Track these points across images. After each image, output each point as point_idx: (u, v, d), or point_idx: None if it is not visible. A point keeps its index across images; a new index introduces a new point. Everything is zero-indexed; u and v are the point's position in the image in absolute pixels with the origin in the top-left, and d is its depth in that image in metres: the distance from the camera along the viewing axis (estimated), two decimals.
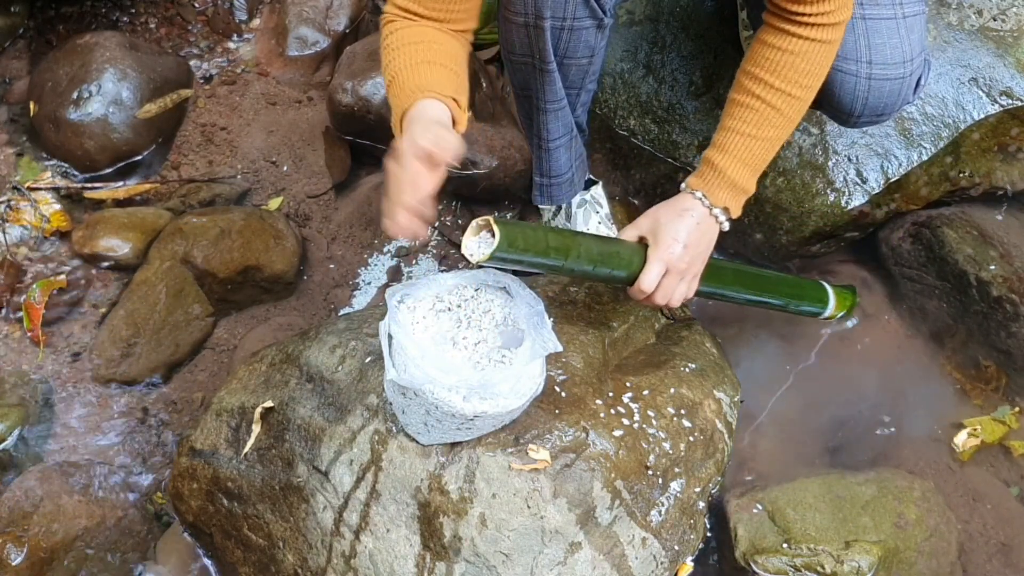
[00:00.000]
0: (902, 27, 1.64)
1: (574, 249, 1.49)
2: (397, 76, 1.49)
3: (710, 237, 1.57)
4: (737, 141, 1.52)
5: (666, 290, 1.55)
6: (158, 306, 2.04)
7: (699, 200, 1.54)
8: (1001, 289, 1.91)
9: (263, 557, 1.61)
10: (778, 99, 1.50)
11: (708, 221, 1.55)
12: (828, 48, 1.50)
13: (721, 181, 1.53)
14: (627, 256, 1.54)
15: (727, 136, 1.53)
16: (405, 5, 1.53)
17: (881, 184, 1.98)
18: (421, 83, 1.46)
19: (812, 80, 1.51)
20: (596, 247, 1.52)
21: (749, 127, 1.51)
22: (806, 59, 1.48)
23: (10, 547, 1.67)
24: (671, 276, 1.54)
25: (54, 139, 2.32)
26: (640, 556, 1.55)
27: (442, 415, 1.42)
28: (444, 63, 1.51)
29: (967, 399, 1.92)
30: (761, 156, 1.55)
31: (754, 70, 1.51)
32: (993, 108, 2.00)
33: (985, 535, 1.75)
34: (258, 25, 2.66)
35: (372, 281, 2.20)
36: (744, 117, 1.52)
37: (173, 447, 1.90)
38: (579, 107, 1.78)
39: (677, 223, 1.53)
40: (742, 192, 1.55)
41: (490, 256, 1.37)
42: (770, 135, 1.53)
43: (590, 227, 1.97)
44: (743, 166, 1.53)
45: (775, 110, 1.51)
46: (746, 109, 1.51)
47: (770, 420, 1.90)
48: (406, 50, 1.51)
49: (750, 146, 1.52)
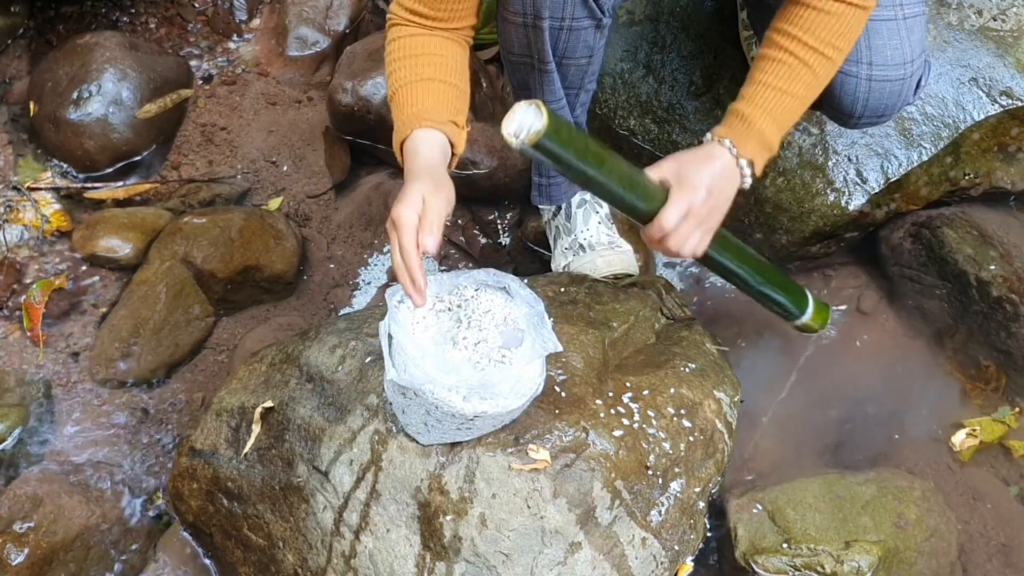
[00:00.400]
0: (902, 28, 1.64)
1: (608, 163, 1.45)
2: (398, 92, 1.51)
3: (732, 189, 1.53)
4: (767, 94, 1.50)
5: (682, 234, 1.49)
6: (158, 306, 2.04)
7: (727, 149, 1.51)
8: (1001, 289, 1.91)
9: (263, 557, 1.61)
10: (811, 56, 1.48)
11: (733, 171, 1.51)
12: (862, 14, 1.49)
13: (750, 132, 1.50)
14: (652, 189, 1.49)
15: (757, 89, 1.51)
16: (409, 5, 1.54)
17: (881, 184, 1.98)
18: (419, 108, 1.49)
19: (844, 43, 1.50)
20: (627, 169, 1.48)
21: (780, 81, 1.49)
22: (841, 20, 1.47)
23: (10, 547, 1.67)
24: (690, 220, 1.48)
25: (54, 139, 2.32)
26: (640, 556, 1.55)
27: (442, 415, 1.42)
28: (444, 78, 1.52)
29: (967, 399, 1.92)
30: (789, 112, 1.52)
31: (787, 27, 1.49)
32: (993, 108, 2.00)
33: (985, 535, 1.75)
34: (258, 25, 2.66)
35: (372, 281, 2.20)
36: (775, 71, 1.50)
37: (173, 447, 1.90)
38: (578, 107, 1.78)
39: (702, 168, 1.49)
40: (767, 148, 1.52)
41: (534, 141, 1.32)
42: (799, 92, 1.51)
43: (590, 227, 1.97)
44: (772, 120, 1.51)
45: (807, 67, 1.49)
46: (777, 64, 1.50)
47: (770, 420, 1.90)
48: (408, 63, 1.52)
49: (780, 100, 1.50)
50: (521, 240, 2.21)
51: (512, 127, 1.33)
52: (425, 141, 1.48)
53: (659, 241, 1.50)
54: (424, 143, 1.48)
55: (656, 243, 1.52)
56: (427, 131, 1.48)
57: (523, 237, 2.20)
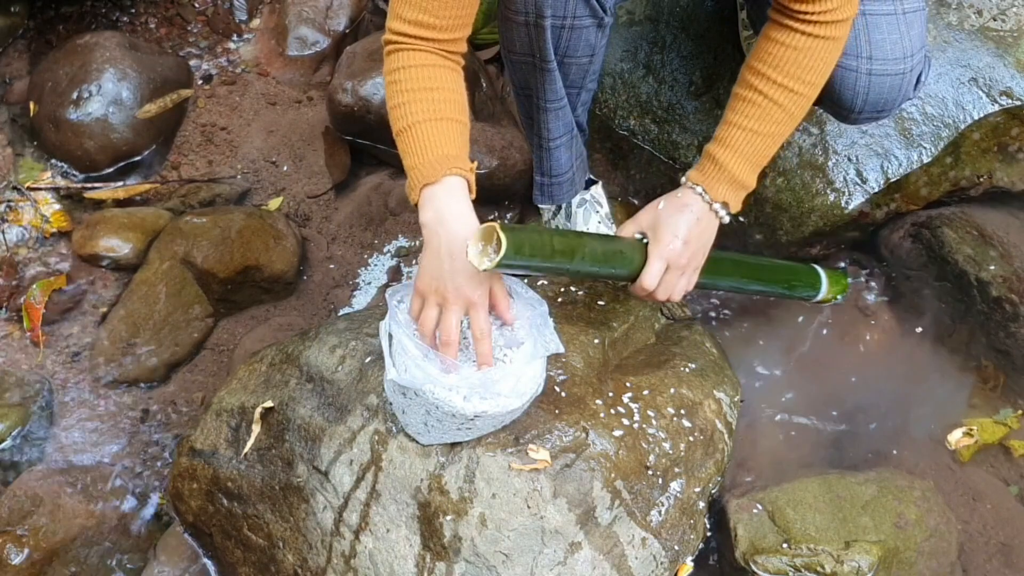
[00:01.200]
0: (902, 23, 1.63)
1: (579, 251, 1.49)
2: (415, 128, 1.48)
3: (710, 232, 1.57)
4: (738, 136, 1.52)
5: (667, 286, 1.55)
6: (158, 306, 2.04)
7: (699, 195, 1.54)
8: (1001, 289, 1.91)
9: (263, 557, 1.61)
10: (781, 95, 1.50)
11: (708, 217, 1.55)
12: (833, 45, 1.50)
13: (721, 176, 1.53)
14: (629, 254, 1.54)
15: (729, 131, 1.53)
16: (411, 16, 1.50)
17: (881, 184, 1.98)
18: (446, 153, 1.46)
19: (816, 77, 1.51)
20: (600, 247, 1.52)
21: (751, 122, 1.51)
22: (810, 55, 1.48)
23: (10, 547, 1.67)
24: (672, 272, 1.54)
25: (54, 139, 2.32)
26: (640, 556, 1.55)
27: (442, 415, 1.42)
28: (460, 118, 1.51)
29: (967, 399, 1.92)
30: (762, 152, 1.54)
31: (758, 65, 1.51)
32: (993, 108, 2.00)
33: (985, 535, 1.75)
34: (258, 25, 2.66)
35: (372, 281, 2.20)
36: (746, 112, 1.51)
37: (173, 447, 1.90)
38: (579, 106, 1.78)
39: (677, 219, 1.53)
40: (742, 187, 1.55)
41: (497, 264, 1.35)
42: (772, 131, 1.52)
43: (590, 227, 1.97)
44: (744, 161, 1.53)
45: (778, 106, 1.50)
46: (748, 104, 1.51)
47: (770, 420, 1.90)
48: (423, 96, 1.49)
49: (752, 141, 1.52)
50: None
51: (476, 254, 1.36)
52: (456, 193, 1.44)
53: (646, 296, 1.56)
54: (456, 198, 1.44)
55: (644, 298, 1.58)
56: (456, 179, 1.44)
57: None
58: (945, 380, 1.95)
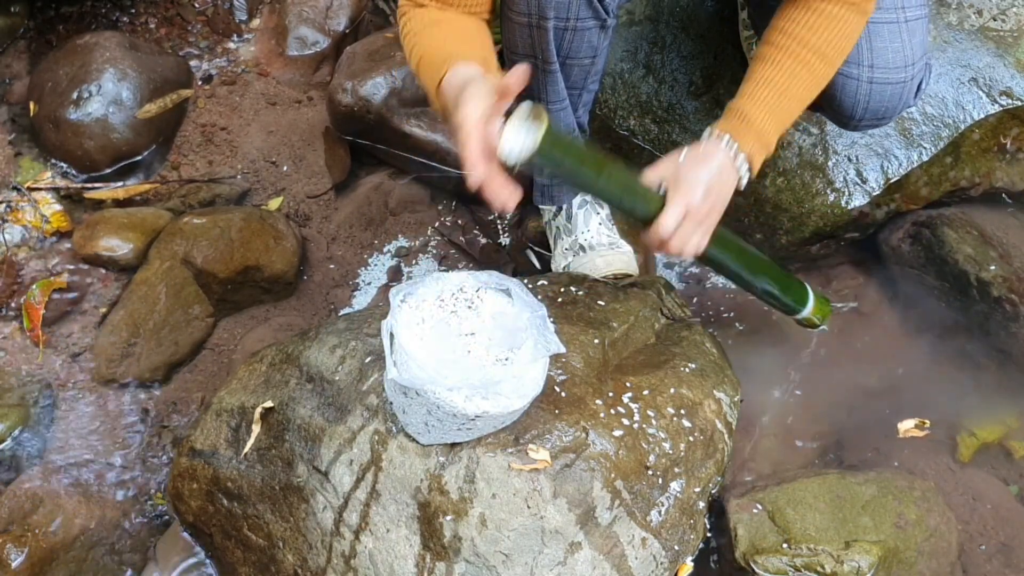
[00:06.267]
0: (904, 31, 1.64)
1: (605, 171, 1.45)
2: (424, 55, 1.46)
3: (730, 187, 1.52)
4: (765, 92, 1.49)
5: (683, 236, 1.49)
6: (158, 306, 2.04)
7: (724, 146, 1.50)
8: (1001, 289, 1.91)
9: (263, 557, 1.61)
10: (810, 57, 1.48)
11: (730, 170, 1.51)
12: (862, 21, 1.49)
13: (748, 129, 1.50)
14: (650, 195, 1.49)
15: (755, 87, 1.50)
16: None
17: (881, 184, 1.98)
18: (448, 52, 1.43)
19: (844, 46, 1.50)
20: (625, 177, 1.48)
21: (780, 79, 1.49)
22: (841, 24, 1.48)
23: (10, 547, 1.67)
24: (689, 222, 1.48)
25: (54, 139, 2.32)
26: (640, 556, 1.55)
27: (443, 415, 1.42)
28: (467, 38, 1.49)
29: (967, 399, 1.92)
30: (787, 112, 1.52)
31: (787, 27, 1.49)
32: (993, 108, 2.00)
33: (985, 535, 1.75)
34: (258, 25, 2.66)
35: (372, 281, 2.20)
36: (775, 70, 1.49)
37: (173, 447, 1.90)
38: (581, 107, 1.78)
39: (700, 168, 1.49)
40: (765, 146, 1.52)
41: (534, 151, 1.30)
42: (798, 92, 1.50)
43: (591, 228, 1.98)
44: (770, 117, 1.50)
45: (806, 68, 1.49)
46: (776, 63, 1.49)
47: (770, 420, 1.90)
48: (428, 32, 1.48)
49: (778, 98, 1.50)
50: (521, 240, 2.21)
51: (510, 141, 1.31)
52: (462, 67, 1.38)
53: (659, 244, 1.51)
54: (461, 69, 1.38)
55: (657, 246, 1.52)
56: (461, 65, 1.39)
57: (523, 237, 2.20)
58: (945, 380, 1.95)
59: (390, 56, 2.33)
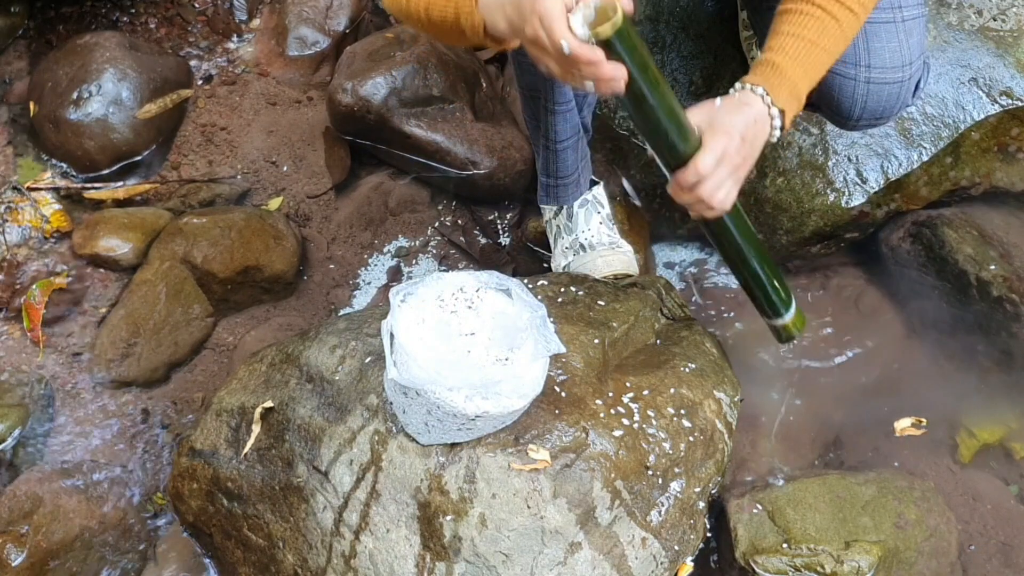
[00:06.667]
0: (901, 31, 1.63)
1: (662, 85, 1.41)
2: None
3: (763, 138, 1.48)
4: (797, 44, 1.46)
5: (716, 180, 1.43)
6: (158, 306, 2.04)
7: (759, 96, 1.46)
8: (1001, 289, 1.91)
9: (263, 557, 1.61)
10: (838, 9, 1.46)
11: (764, 121, 1.46)
12: None
13: (782, 80, 1.47)
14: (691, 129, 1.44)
15: (785, 40, 1.47)
16: None
17: (881, 184, 1.98)
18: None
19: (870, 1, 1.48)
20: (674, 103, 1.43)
21: (809, 32, 1.46)
22: None
23: (10, 547, 1.67)
24: (724, 166, 1.43)
25: (54, 139, 2.32)
26: (640, 556, 1.55)
27: (443, 415, 1.42)
28: None
29: (967, 399, 1.92)
30: (818, 65, 1.49)
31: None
32: (993, 108, 2.00)
33: (985, 535, 1.75)
34: (258, 25, 2.66)
35: (372, 281, 2.20)
36: (804, 23, 1.47)
37: (173, 447, 1.90)
38: (585, 107, 1.78)
39: (735, 115, 1.45)
40: (797, 99, 1.48)
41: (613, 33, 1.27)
42: (827, 45, 1.47)
43: (591, 227, 1.97)
44: (802, 69, 1.47)
45: (835, 20, 1.46)
46: (805, 16, 1.47)
47: (770, 420, 1.90)
48: None
49: (810, 51, 1.47)
50: (521, 240, 2.21)
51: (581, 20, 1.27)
52: None
53: (691, 188, 1.44)
54: None
55: (687, 190, 1.45)
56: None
57: (523, 237, 2.20)
58: (945, 380, 1.95)
59: (390, 56, 2.33)
